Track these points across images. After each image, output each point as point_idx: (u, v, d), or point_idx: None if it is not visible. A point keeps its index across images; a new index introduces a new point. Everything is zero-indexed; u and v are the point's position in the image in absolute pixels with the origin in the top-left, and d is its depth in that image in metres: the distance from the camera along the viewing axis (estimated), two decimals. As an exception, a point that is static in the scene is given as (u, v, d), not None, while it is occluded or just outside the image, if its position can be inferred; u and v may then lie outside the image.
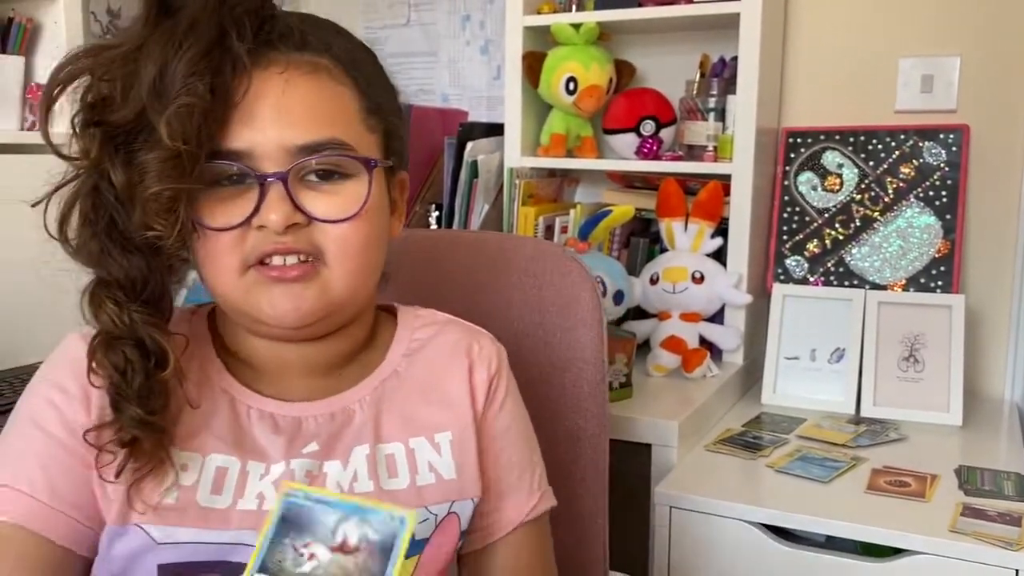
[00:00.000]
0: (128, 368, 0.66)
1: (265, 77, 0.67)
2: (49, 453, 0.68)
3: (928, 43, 1.67)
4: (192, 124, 0.63)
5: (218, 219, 0.67)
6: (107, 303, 0.66)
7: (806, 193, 1.71)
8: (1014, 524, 1.08)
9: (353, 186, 0.70)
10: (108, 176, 0.65)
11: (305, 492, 0.55)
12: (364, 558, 0.53)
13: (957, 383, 1.49)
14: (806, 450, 1.34)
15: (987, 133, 1.63)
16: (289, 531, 0.53)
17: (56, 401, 0.69)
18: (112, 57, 0.65)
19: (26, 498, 0.67)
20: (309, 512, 0.54)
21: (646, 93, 1.76)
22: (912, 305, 1.57)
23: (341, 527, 0.54)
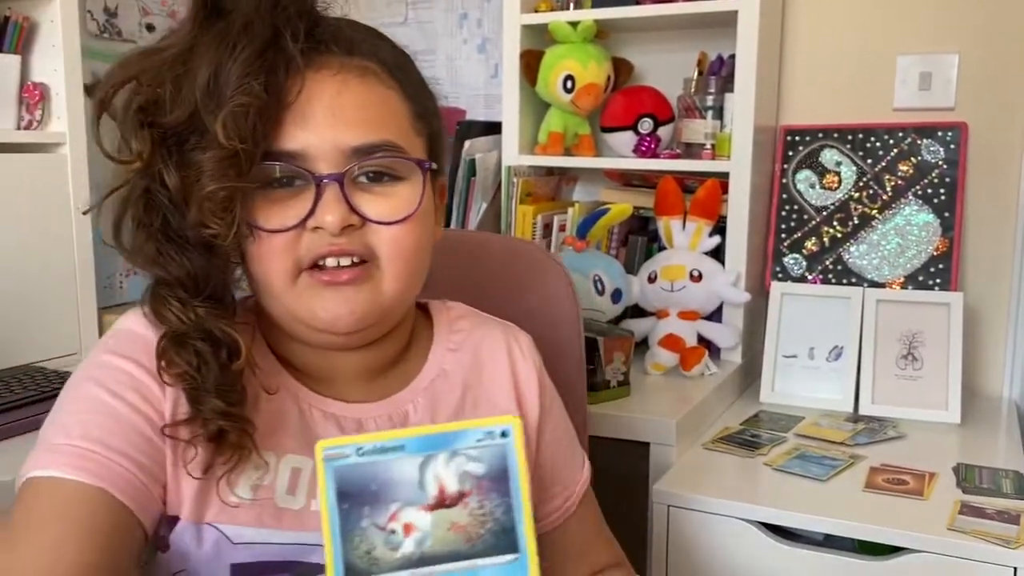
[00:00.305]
0: (201, 363, 0.66)
1: (318, 79, 0.67)
2: (117, 414, 0.65)
3: (926, 40, 1.67)
4: (248, 124, 0.63)
5: (272, 221, 0.67)
6: (171, 301, 0.66)
7: (804, 191, 1.71)
8: (1012, 522, 1.08)
9: (405, 188, 0.70)
10: (160, 178, 0.65)
11: (351, 444, 0.41)
12: (478, 501, 0.41)
13: (955, 381, 1.49)
14: (804, 448, 1.34)
15: (985, 131, 1.63)
16: (357, 505, 0.40)
17: (129, 369, 0.67)
18: (162, 60, 0.65)
19: (91, 455, 0.64)
20: (372, 472, 0.40)
21: (644, 91, 1.76)
22: (910, 303, 1.57)
23: (428, 474, 0.41)
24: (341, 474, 0.41)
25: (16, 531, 0.61)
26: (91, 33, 1.78)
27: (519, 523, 0.41)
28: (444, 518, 0.40)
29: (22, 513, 0.62)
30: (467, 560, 0.40)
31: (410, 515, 0.40)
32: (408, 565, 0.40)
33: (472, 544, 0.41)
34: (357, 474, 0.40)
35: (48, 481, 0.62)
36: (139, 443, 0.65)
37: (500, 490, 0.41)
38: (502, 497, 0.41)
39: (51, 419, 0.67)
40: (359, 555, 0.40)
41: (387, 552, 0.40)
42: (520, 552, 0.41)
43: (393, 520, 0.40)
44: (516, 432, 0.42)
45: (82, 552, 0.59)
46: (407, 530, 0.40)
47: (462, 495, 0.41)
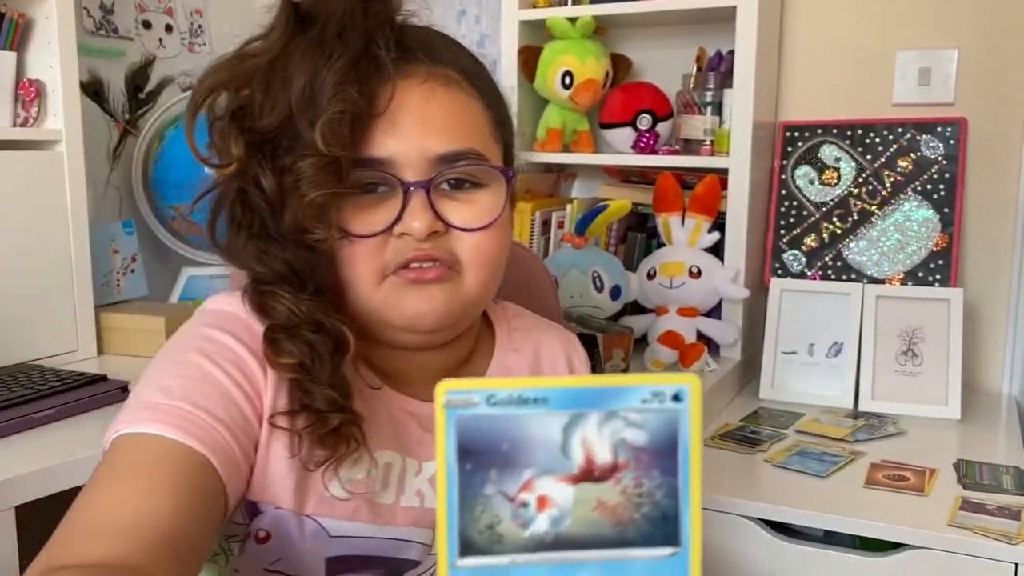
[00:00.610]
0: (314, 354, 0.66)
1: (406, 87, 0.68)
2: (220, 386, 0.65)
3: (926, 36, 1.66)
4: (345, 131, 0.64)
5: (360, 226, 0.68)
6: (280, 295, 0.67)
7: (803, 187, 1.70)
8: (1013, 518, 1.07)
9: (487, 195, 0.71)
10: (255, 181, 0.67)
11: (481, 390, 0.32)
12: (634, 477, 0.33)
13: (955, 377, 1.49)
14: (804, 445, 1.34)
15: (985, 126, 1.62)
16: (483, 467, 0.32)
17: (233, 346, 0.67)
18: (253, 66, 0.67)
19: (193, 417, 0.63)
20: (504, 427, 0.32)
21: (642, 87, 1.75)
22: (910, 299, 1.57)
23: (574, 437, 0.32)
24: (465, 426, 0.32)
25: (109, 475, 0.60)
26: (87, 30, 1.77)
27: (684, 510, 0.33)
28: (589, 494, 0.32)
29: (115, 461, 0.61)
30: (614, 549, 0.32)
31: (547, 486, 0.32)
32: (539, 547, 0.32)
33: (622, 529, 0.32)
34: (485, 428, 0.32)
35: (145, 437, 0.61)
36: (237, 418, 0.65)
37: (664, 467, 0.32)
38: (665, 476, 0.32)
39: (147, 383, 0.65)
40: (479, 528, 0.32)
41: (514, 528, 0.32)
42: (681, 546, 0.33)
43: (526, 490, 0.32)
44: (693, 396, 0.32)
45: (175, 503, 0.58)
46: (541, 504, 0.32)
47: (615, 468, 0.32)
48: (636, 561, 0.33)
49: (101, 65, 1.80)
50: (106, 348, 1.61)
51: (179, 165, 1.77)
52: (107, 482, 0.59)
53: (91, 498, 0.58)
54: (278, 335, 0.66)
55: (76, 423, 1.23)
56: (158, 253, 1.90)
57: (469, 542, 0.32)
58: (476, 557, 0.32)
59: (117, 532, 0.55)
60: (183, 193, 1.76)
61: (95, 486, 0.59)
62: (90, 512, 0.57)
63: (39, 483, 1.07)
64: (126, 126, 1.83)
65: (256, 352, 0.67)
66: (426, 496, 0.73)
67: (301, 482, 0.68)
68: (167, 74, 1.92)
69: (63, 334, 1.54)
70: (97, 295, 1.61)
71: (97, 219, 1.73)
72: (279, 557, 0.69)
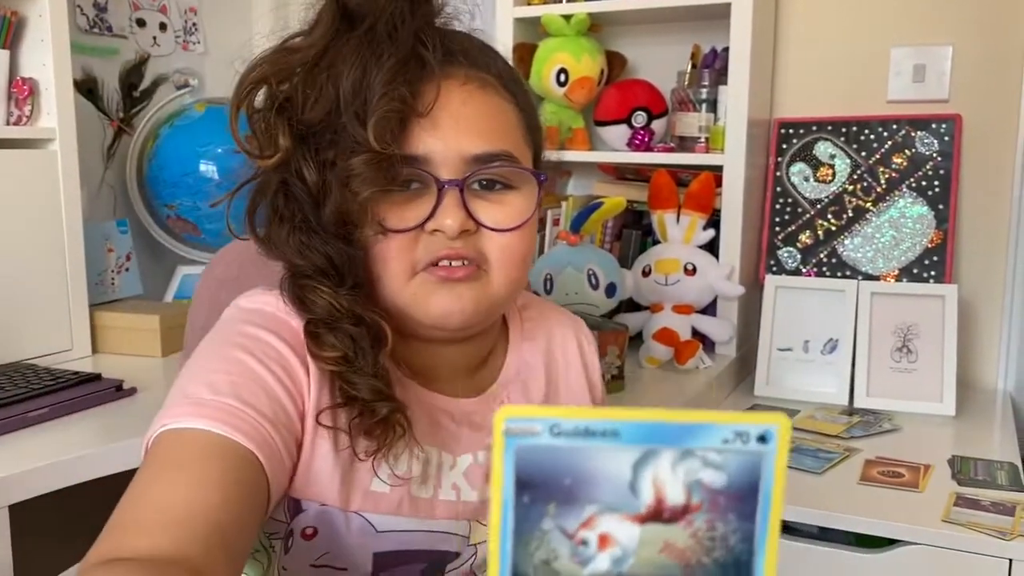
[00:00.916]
0: (356, 347, 0.67)
1: (448, 88, 0.69)
2: (266, 384, 0.66)
3: (920, 32, 1.66)
4: (395, 129, 0.66)
5: (394, 221, 0.69)
6: (321, 289, 0.68)
7: (798, 184, 1.70)
8: (1007, 514, 1.07)
9: (518, 197, 0.72)
10: (298, 173, 0.68)
11: (544, 419, 0.30)
12: (707, 520, 0.31)
13: (950, 373, 1.49)
14: (799, 441, 1.34)
15: (979, 122, 1.62)
16: (542, 500, 0.30)
17: (277, 345, 0.68)
18: (298, 60, 0.68)
19: (241, 414, 0.63)
20: (568, 460, 0.30)
21: (637, 84, 1.75)
22: (905, 295, 1.57)
23: (644, 474, 0.30)
24: (525, 456, 0.30)
25: (158, 469, 0.60)
26: (80, 28, 1.76)
27: (759, 556, 0.30)
28: (657, 535, 0.30)
29: (163, 455, 0.61)
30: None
31: (611, 524, 0.30)
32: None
33: (690, 573, 0.31)
34: (548, 460, 0.30)
35: (192, 432, 0.61)
36: (282, 416, 0.65)
37: (741, 511, 0.30)
38: (742, 521, 0.30)
39: (191, 378, 0.66)
40: (534, 563, 0.30)
41: (572, 567, 0.30)
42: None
43: (587, 527, 0.30)
44: (781, 438, 0.30)
45: (224, 496, 0.58)
46: (603, 543, 0.30)
47: (687, 509, 0.30)
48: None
49: (95, 63, 1.79)
50: (101, 347, 1.61)
51: (173, 163, 1.76)
52: (156, 475, 0.59)
53: (141, 491, 0.59)
54: (319, 329, 0.68)
55: (70, 422, 1.23)
56: (153, 252, 1.90)
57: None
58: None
59: (168, 524, 0.55)
60: (178, 192, 1.76)
61: (145, 479, 0.59)
62: (140, 505, 0.57)
63: (33, 482, 1.07)
64: (120, 124, 1.83)
65: (298, 351, 0.68)
66: (462, 489, 0.75)
67: (346, 479, 0.69)
68: (161, 72, 1.92)
69: (57, 333, 1.54)
70: (91, 294, 1.60)
71: (91, 218, 1.72)
72: (326, 552, 0.70)
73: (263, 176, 0.70)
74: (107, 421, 1.25)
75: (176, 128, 1.79)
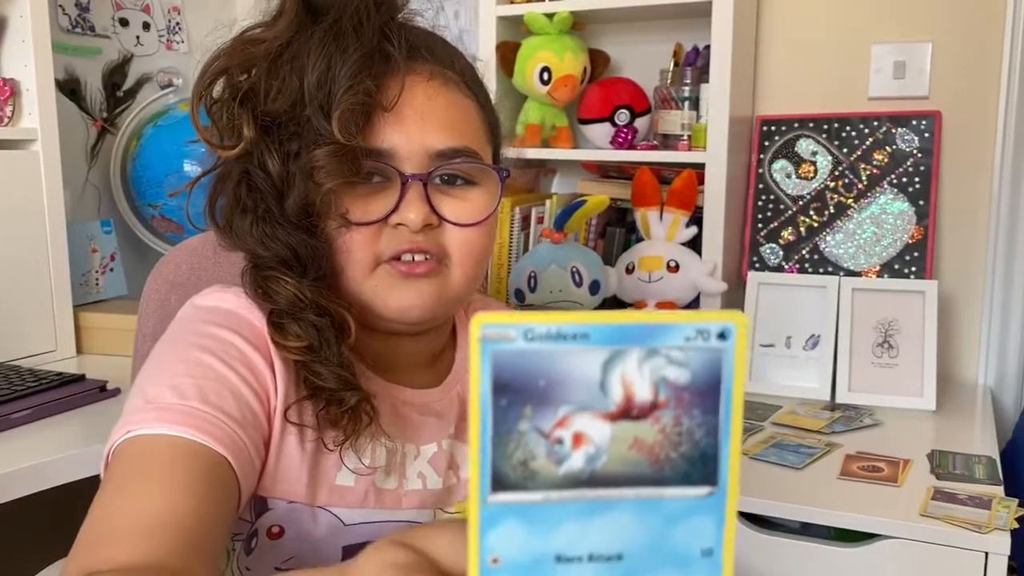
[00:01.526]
0: (320, 337, 0.68)
1: (412, 83, 0.71)
2: (231, 385, 0.65)
3: (900, 29, 1.67)
4: (360, 121, 0.67)
5: (357, 213, 0.69)
6: (284, 280, 0.68)
7: (780, 181, 1.71)
8: (984, 507, 1.09)
9: (479, 193, 0.73)
10: (260, 164, 0.68)
11: (518, 324, 0.31)
12: (673, 416, 0.32)
13: (931, 368, 1.50)
14: (780, 437, 1.35)
15: (959, 119, 1.64)
16: (518, 403, 0.31)
17: (239, 345, 0.67)
18: (262, 52, 0.68)
19: (210, 417, 0.62)
20: (541, 363, 0.31)
21: (620, 82, 1.76)
22: (886, 291, 1.58)
23: (613, 374, 0.31)
24: (501, 361, 0.31)
25: (127, 477, 0.59)
26: (62, 28, 1.76)
27: (724, 450, 0.32)
28: (627, 432, 0.31)
29: (131, 462, 0.60)
30: (650, 487, 0.32)
31: (584, 423, 0.31)
32: (574, 484, 0.31)
33: (658, 469, 0.32)
34: (522, 363, 0.31)
35: (160, 437, 0.60)
36: (249, 417, 0.65)
37: (705, 406, 0.31)
38: (706, 415, 0.32)
39: (153, 382, 0.64)
40: (512, 464, 0.31)
41: (548, 465, 0.31)
42: (719, 486, 0.32)
43: (561, 427, 0.31)
44: (739, 334, 0.31)
45: (196, 502, 0.57)
46: (577, 441, 0.31)
47: (655, 406, 0.31)
48: (672, 500, 0.32)
49: (78, 63, 1.79)
50: (85, 347, 1.61)
51: (158, 163, 1.76)
52: (125, 484, 0.59)
53: (110, 500, 0.58)
54: (283, 319, 0.68)
55: (53, 423, 1.23)
56: (137, 252, 1.90)
57: (502, 478, 0.31)
58: (509, 493, 0.31)
59: (142, 533, 0.54)
60: (162, 191, 1.76)
61: (113, 488, 0.59)
62: (113, 515, 0.57)
63: (16, 484, 1.07)
64: (104, 124, 1.82)
65: (261, 350, 0.68)
66: (428, 477, 0.75)
67: (313, 475, 0.69)
68: (145, 72, 1.92)
69: (41, 334, 1.53)
70: (76, 294, 1.60)
71: (75, 218, 1.72)
72: (294, 551, 0.70)
73: (224, 166, 0.70)
74: (91, 422, 1.25)
75: (160, 128, 1.79)
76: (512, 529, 0.32)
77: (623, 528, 0.32)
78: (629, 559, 0.32)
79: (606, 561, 0.32)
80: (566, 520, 0.32)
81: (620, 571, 0.32)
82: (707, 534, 0.33)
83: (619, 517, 0.32)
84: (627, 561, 0.32)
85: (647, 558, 0.32)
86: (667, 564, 0.33)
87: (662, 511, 0.32)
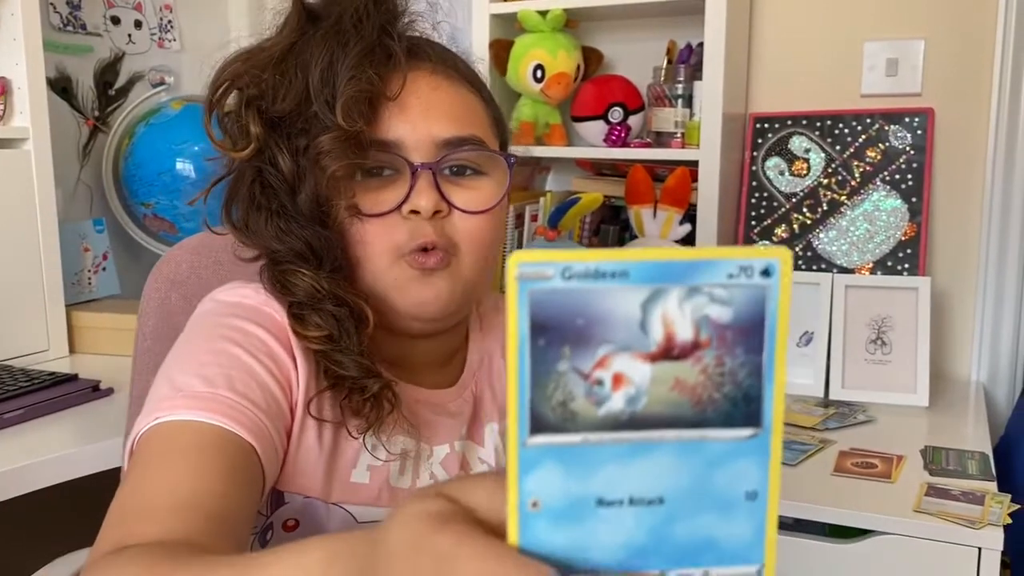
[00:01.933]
0: (340, 327, 0.69)
1: (416, 76, 0.72)
2: (258, 376, 0.66)
3: (893, 27, 1.68)
4: (364, 108, 0.68)
5: (370, 205, 0.71)
6: (301, 272, 0.69)
7: (774, 178, 1.72)
8: (977, 503, 1.09)
9: (488, 182, 0.74)
10: (272, 162, 0.70)
11: (556, 263, 0.30)
12: (716, 356, 0.31)
13: (924, 365, 1.51)
14: (775, 434, 1.35)
15: (952, 116, 1.64)
16: (556, 343, 0.30)
17: (264, 337, 0.69)
18: (267, 57, 0.70)
19: (238, 406, 0.63)
20: (580, 302, 0.30)
21: (614, 80, 1.76)
22: (879, 288, 1.58)
23: (654, 313, 0.30)
24: (539, 300, 0.30)
25: (157, 459, 0.60)
26: (54, 26, 1.75)
27: (768, 390, 0.31)
28: (668, 372, 0.30)
29: (162, 446, 0.61)
30: (691, 429, 0.31)
31: (623, 363, 0.30)
32: (614, 426, 0.31)
33: (701, 410, 0.31)
34: (560, 303, 0.30)
35: (190, 423, 0.61)
36: (275, 407, 0.66)
37: (749, 345, 0.30)
38: (749, 355, 0.30)
39: (181, 370, 0.65)
40: (551, 406, 0.30)
41: (588, 406, 0.30)
42: (763, 428, 0.31)
43: (601, 367, 0.30)
44: (784, 269, 0.30)
45: (226, 486, 0.58)
46: (617, 382, 0.30)
47: (696, 346, 0.30)
48: (715, 442, 0.31)
49: (69, 62, 1.78)
50: (78, 347, 1.60)
51: (150, 162, 1.76)
52: (158, 465, 0.60)
53: (141, 479, 0.59)
54: (303, 310, 0.69)
55: (46, 423, 1.23)
56: (130, 251, 1.89)
57: (541, 420, 0.31)
58: (548, 435, 0.31)
59: (172, 510, 0.55)
60: (154, 190, 1.75)
61: (143, 469, 0.59)
62: (145, 493, 0.58)
63: (8, 484, 1.06)
64: (96, 123, 1.82)
65: (283, 343, 0.69)
66: (439, 478, 0.76)
67: (329, 471, 0.70)
68: (137, 70, 1.91)
69: (34, 334, 1.53)
70: (68, 294, 1.60)
71: (67, 217, 1.71)
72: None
73: (238, 169, 0.72)
74: (84, 422, 1.25)
75: (152, 126, 1.78)
76: (551, 472, 0.31)
77: (664, 471, 0.31)
78: (670, 502, 0.32)
79: (647, 504, 0.31)
80: (606, 463, 0.31)
81: (661, 515, 0.32)
82: (751, 477, 0.32)
83: (660, 460, 0.31)
84: (668, 505, 0.32)
85: (689, 501, 0.32)
86: (709, 508, 0.32)
87: (704, 453, 0.31)
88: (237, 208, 0.73)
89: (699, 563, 0.32)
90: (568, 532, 0.31)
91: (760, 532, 0.33)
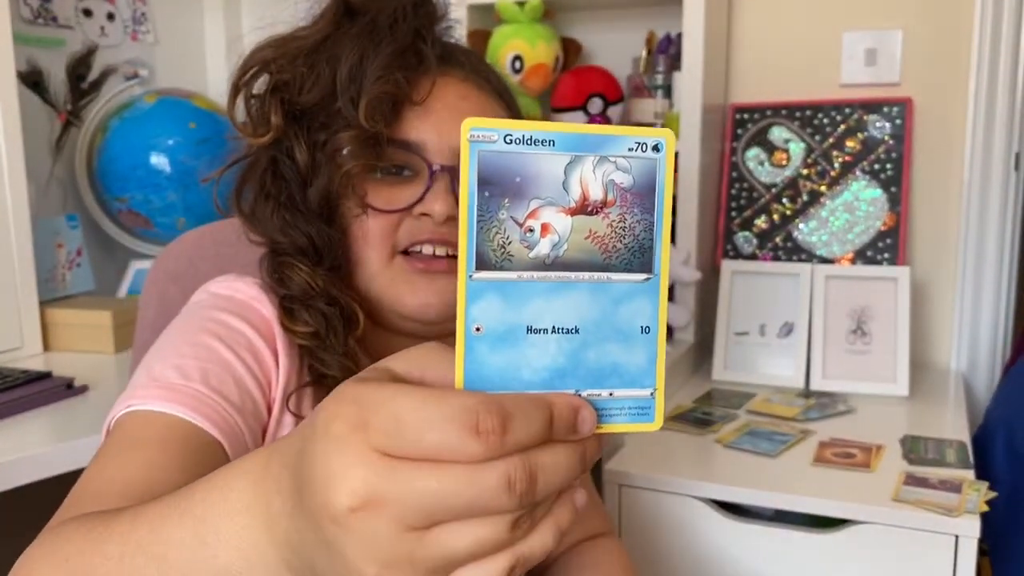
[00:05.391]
0: (328, 325, 0.69)
1: (445, 82, 0.73)
2: (235, 371, 0.66)
3: (871, 17, 1.68)
4: (386, 110, 0.69)
5: (380, 203, 0.71)
6: (299, 267, 0.70)
7: (754, 169, 1.71)
8: (954, 491, 1.09)
9: None
10: (288, 153, 0.71)
11: (500, 129, 0.37)
12: (619, 213, 0.38)
13: (903, 354, 1.51)
14: (755, 425, 1.35)
15: (930, 105, 1.64)
16: (498, 194, 0.37)
17: (246, 332, 0.69)
18: (298, 48, 0.71)
19: (209, 401, 0.63)
20: (517, 163, 0.37)
21: (593, 71, 1.75)
22: (859, 278, 1.59)
23: (573, 175, 0.37)
24: (485, 159, 0.36)
25: (120, 447, 0.60)
26: (24, 19, 1.72)
27: (657, 243, 0.38)
28: (583, 225, 0.37)
29: (127, 435, 0.61)
30: (600, 272, 0.38)
31: (549, 215, 0.37)
32: (541, 267, 0.37)
33: (607, 257, 0.38)
34: (501, 162, 0.36)
35: (158, 414, 0.61)
36: (249, 405, 0.66)
37: (644, 206, 0.38)
38: (644, 214, 0.38)
39: (159, 360, 0.66)
40: (493, 247, 0.37)
41: (521, 249, 0.37)
42: (654, 273, 0.39)
43: (532, 218, 0.37)
44: (669, 147, 0.38)
45: (185, 479, 0.57)
46: (544, 230, 0.37)
47: (604, 204, 0.37)
48: (618, 284, 0.38)
49: (40, 55, 1.75)
50: (52, 344, 1.58)
51: (124, 156, 1.73)
52: (118, 453, 0.59)
53: (102, 466, 0.59)
54: (294, 305, 0.69)
55: (20, 421, 1.21)
56: (104, 247, 1.87)
57: (484, 258, 0.37)
58: (489, 272, 0.37)
59: (127, 497, 0.55)
60: (128, 185, 1.73)
61: (105, 457, 0.59)
62: (101, 478, 0.58)
63: (-21, 484, 1.05)
64: (68, 117, 1.79)
65: (267, 339, 0.69)
66: None
67: None
68: (110, 63, 1.88)
69: (7, 331, 1.50)
70: (42, 291, 1.57)
71: (40, 213, 1.69)
72: None
73: (254, 154, 0.72)
74: (57, 420, 1.23)
75: (126, 120, 1.76)
76: (492, 302, 0.37)
77: (579, 306, 0.38)
78: (584, 332, 0.38)
79: (566, 333, 0.38)
80: (535, 297, 0.37)
81: (577, 342, 0.38)
82: (645, 313, 0.39)
83: (576, 296, 0.38)
84: (582, 334, 0.38)
85: (598, 332, 0.38)
86: (614, 338, 0.39)
87: (610, 293, 0.38)
88: (247, 193, 0.73)
89: (605, 385, 0.39)
90: (503, 355, 0.37)
91: (652, 361, 0.40)
